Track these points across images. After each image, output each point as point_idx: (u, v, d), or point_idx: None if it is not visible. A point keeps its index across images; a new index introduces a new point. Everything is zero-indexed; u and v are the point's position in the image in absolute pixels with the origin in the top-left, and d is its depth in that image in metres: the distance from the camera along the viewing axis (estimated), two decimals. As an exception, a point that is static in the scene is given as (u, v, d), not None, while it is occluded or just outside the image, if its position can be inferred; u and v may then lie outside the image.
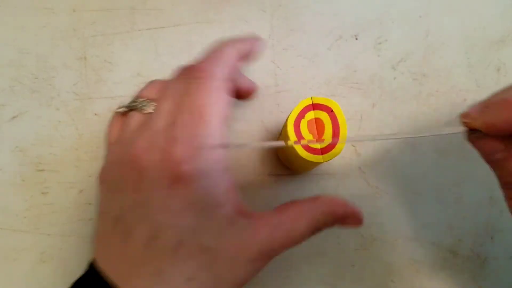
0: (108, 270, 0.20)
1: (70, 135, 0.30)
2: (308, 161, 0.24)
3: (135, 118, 0.23)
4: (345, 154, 0.30)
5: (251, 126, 0.30)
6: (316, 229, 0.22)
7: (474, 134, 0.21)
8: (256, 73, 0.31)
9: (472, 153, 0.22)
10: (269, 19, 0.32)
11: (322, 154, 0.24)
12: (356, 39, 0.32)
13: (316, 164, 0.25)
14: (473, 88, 0.32)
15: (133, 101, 0.23)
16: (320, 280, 0.29)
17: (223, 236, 0.20)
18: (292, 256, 0.29)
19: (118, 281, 0.20)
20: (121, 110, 0.24)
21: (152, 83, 0.24)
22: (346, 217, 0.22)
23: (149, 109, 0.22)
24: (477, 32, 0.33)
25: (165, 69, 0.31)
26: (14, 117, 0.30)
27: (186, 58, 0.31)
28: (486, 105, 0.20)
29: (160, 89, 0.23)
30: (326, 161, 0.24)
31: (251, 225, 0.21)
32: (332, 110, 0.24)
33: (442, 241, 0.30)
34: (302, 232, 0.21)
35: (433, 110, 0.31)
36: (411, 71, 0.32)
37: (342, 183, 0.30)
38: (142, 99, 0.23)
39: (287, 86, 0.31)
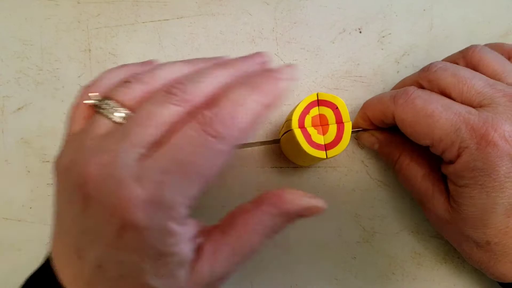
0: (62, 274, 0.20)
1: (75, 126, 0.30)
2: (312, 156, 0.24)
3: (100, 124, 0.20)
4: (348, 147, 0.30)
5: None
6: (271, 235, 0.21)
7: (354, 132, 0.29)
8: (259, 66, 0.31)
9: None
10: (272, 12, 0.32)
11: (326, 150, 0.24)
12: (360, 32, 0.32)
13: (319, 159, 0.25)
14: (476, 82, 0.32)
15: (103, 101, 0.20)
16: (322, 273, 0.29)
17: (171, 279, 0.19)
18: (294, 249, 0.29)
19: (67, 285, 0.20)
20: (89, 102, 0.20)
21: (131, 76, 0.21)
22: (301, 213, 0.21)
23: (118, 119, 0.19)
24: (482, 26, 0.32)
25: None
26: (19, 109, 0.30)
27: (190, 50, 0.31)
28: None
29: (142, 94, 0.20)
30: (330, 157, 0.24)
31: (201, 260, 0.20)
32: (337, 107, 0.24)
33: (444, 234, 0.30)
34: (255, 247, 0.21)
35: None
36: (414, 65, 0.32)
37: (345, 176, 0.30)
38: (114, 103, 0.20)
39: (291, 79, 0.31)
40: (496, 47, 0.27)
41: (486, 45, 0.27)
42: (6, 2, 0.31)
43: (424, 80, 0.26)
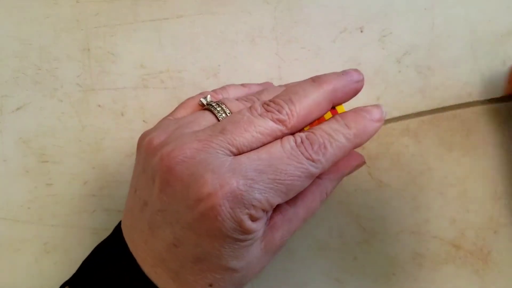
0: (133, 246, 0.21)
1: (74, 126, 0.30)
2: None
3: (206, 118, 0.22)
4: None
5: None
6: (327, 197, 0.23)
7: None
8: (259, 65, 0.31)
9: (476, 147, 0.22)
10: (272, 11, 0.32)
11: None
12: (361, 31, 0.32)
13: None
14: (478, 82, 0.31)
15: (217, 104, 0.22)
16: (323, 273, 0.29)
17: (246, 256, 0.20)
18: (294, 250, 0.29)
19: (142, 265, 0.21)
20: (201, 102, 0.23)
21: (239, 89, 0.25)
22: (351, 172, 0.24)
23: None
24: (483, 25, 0.32)
25: (168, 61, 0.31)
26: (17, 109, 0.30)
27: (189, 49, 0.31)
28: None
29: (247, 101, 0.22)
30: None
31: (272, 232, 0.21)
32: (334, 108, 0.24)
33: (445, 235, 0.30)
34: (316, 211, 0.23)
35: (438, 103, 0.31)
36: (416, 64, 0.31)
37: (346, 176, 0.30)
38: (225, 108, 0.22)
39: (291, 79, 0.31)
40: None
41: None
42: (4, 1, 0.31)
43: None
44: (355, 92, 0.22)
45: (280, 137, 0.20)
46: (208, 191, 0.18)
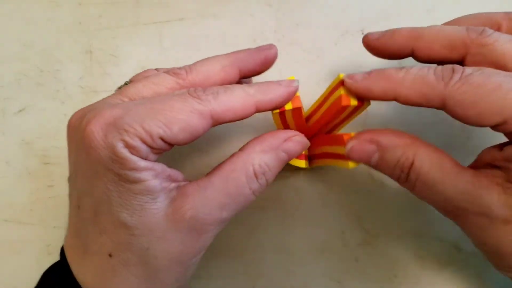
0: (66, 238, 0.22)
1: (76, 128, 0.30)
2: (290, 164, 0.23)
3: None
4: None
5: (255, 122, 0.30)
6: (260, 176, 0.21)
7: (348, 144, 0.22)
8: (261, 67, 0.31)
9: (477, 147, 0.22)
10: (274, 13, 0.32)
11: (306, 159, 0.23)
12: (363, 33, 0.32)
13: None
14: (479, 84, 0.31)
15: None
16: (324, 275, 0.29)
17: (143, 214, 0.19)
18: (295, 251, 0.29)
19: (65, 248, 0.21)
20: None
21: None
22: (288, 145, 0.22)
23: None
24: (485, 27, 0.32)
25: (169, 63, 0.31)
26: (20, 111, 0.30)
27: (191, 51, 0.31)
28: (368, 73, 0.22)
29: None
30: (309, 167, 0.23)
31: (181, 198, 0.20)
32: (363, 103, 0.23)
33: (447, 237, 0.29)
34: (243, 188, 0.20)
35: (439, 105, 0.31)
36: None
37: (348, 177, 0.30)
38: None
39: (292, 81, 0.31)
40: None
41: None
42: (7, 4, 0.31)
43: (474, 43, 0.22)
44: (265, 59, 0.23)
45: (177, 89, 0.21)
46: (85, 123, 0.19)
